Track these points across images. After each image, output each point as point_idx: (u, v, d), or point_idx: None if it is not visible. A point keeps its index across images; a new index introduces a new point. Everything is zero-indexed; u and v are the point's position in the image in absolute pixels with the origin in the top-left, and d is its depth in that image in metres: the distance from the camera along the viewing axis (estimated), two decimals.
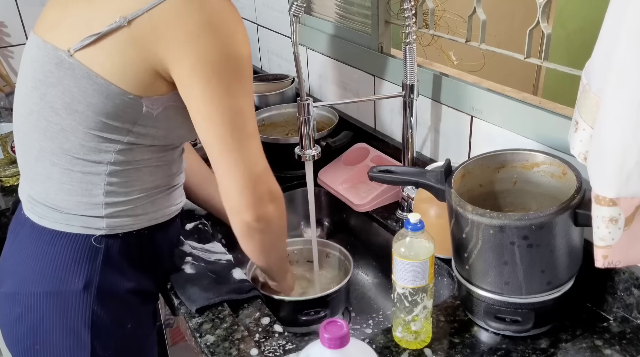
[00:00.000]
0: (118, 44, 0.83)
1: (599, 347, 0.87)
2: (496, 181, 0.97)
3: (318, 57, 1.62)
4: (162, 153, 0.95)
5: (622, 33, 0.63)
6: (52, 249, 0.92)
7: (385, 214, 1.25)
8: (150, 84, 0.86)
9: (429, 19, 1.22)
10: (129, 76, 0.85)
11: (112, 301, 0.94)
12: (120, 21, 0.82)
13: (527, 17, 1.06)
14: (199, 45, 0.81)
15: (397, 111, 1.33)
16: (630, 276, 0.89)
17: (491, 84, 1.17)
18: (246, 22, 2.01)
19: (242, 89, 0.85)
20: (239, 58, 0.84)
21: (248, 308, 1.00)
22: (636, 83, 0.62)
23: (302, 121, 1.11)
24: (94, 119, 0.87)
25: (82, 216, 0.92)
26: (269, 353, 0.89)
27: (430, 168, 1.09)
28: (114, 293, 0.95)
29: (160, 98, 0.88)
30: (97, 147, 0.89)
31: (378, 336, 0.92)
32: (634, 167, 0.66)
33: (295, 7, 1.05)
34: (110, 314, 0.94)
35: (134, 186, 0.94)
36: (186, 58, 0.82)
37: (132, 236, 0.96)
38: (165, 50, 0.82)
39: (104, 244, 0.93)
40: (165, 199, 1.00)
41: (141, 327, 1.02)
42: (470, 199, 0.87)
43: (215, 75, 0.82)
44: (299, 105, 1.10)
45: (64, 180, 0.91)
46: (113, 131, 0.88)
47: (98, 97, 0.85)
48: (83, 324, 0.92)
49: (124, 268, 0.96)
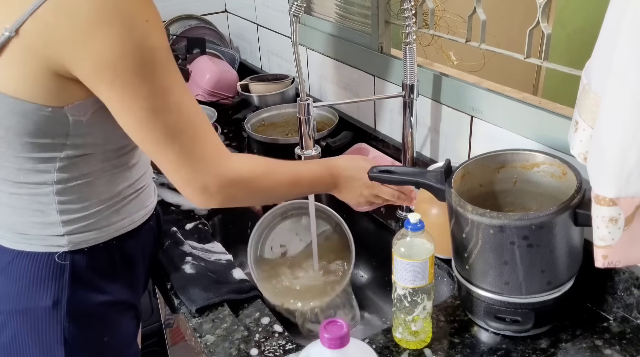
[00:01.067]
0: (13, 57, 0.75)
1: (599, 347, 0.87)
2: (496, 181, 0.97)
3: (318, 57, 1.62)
4: (114, 159, 0.90)
5: (622, 33, 0.63)
6: (16, 268, 0.88)
7: (385, 214, 1.25)
8: (63, 91, 0.78)
9: (429, 19, 1.22)
10: (37, 89, 0.77)
11: (85, 316, 0.91)
12: (7, 32, 0.73)
13: (527, 17, 1.06)
14: (95, 42, 0.72)
15: (397, 111, 1.33)
16: (630, 276, 0.89)
17: (491, 84, 1.17)
18: (246, 22, 2.01)
19: (160, 83, 0.77)
20: (148, 51, 0.75)
21: (248, 308, 1.00)
22: (636, 83, 0.62)
23: (303, 121, 1.11)
24: (19, 142, 0.80)
25: (41, 236, 0.88)
26: (269, 353, 0.89)
27: (430, 168, 1.09)
28: (86, 308, 0.91)
29: (83, 103, 0.80)
30: (34, 169, 0.83)
31: (378, 336, 0.92)
32: (634, 167, 0.66)
33: (295, 7, 1.04)
34: (84, 330, 0.90)
35: (90, 199, 0.89)
36: (84, 59, 0.74)
37: (99, 249, 0.92)
38: (60, 53, 0.73)
39: (69, 260, 0.89)
40: (131, 206, 0.95)
41: (120, 338, 0.97)
42: (470, 199, 0.87)
43: (120, 75, 0.74)
44: (299, 105, 1.10)
45: (13, 204, 0.87)
46: (45, 149, 0.82)
47: (13, 118, 0.78)
48: (56, 342, 0.88)
49: (95, 282, 0.92)
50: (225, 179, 0.83)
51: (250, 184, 0.87)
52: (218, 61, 1.86)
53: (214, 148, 0.83)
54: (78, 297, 0.90)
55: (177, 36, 1.86)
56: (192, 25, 2.02)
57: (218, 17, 2.11)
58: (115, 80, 0.74)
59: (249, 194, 0.88)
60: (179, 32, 1.95)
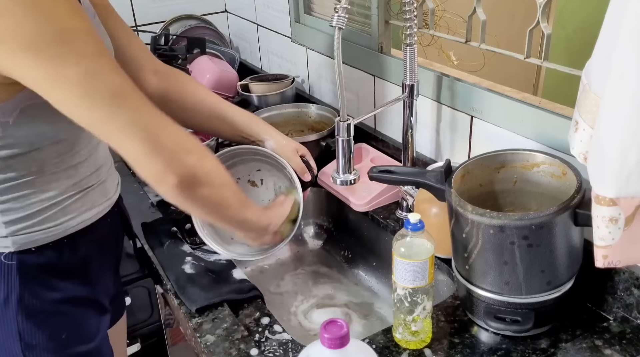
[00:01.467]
0: None
1: (599, 347, 0.87)
2: (496, 181, 0.97)
3: (318, 57, 1.62)
4: (55, 158, 0.86)
5: (622, 33, 0.63)
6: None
7: (385, 214, 1.25)
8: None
9: (429, 19, 1.22)
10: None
11: (39, 313, 0.89)
12: None
13: (527, 17, 1.06)
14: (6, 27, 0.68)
15: (397, 111, 1.33)
16: (630, 276, 0.89)
17: (491, 84, 1.17)
18: (246, 22, 2.01)
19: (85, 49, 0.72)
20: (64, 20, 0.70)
21: (248, 308, 1.00)
22: (636, 83, 0.62)
23: (343, 143, 1.03)
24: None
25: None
26: (269, 353, 0.89)
27: (430, 168, 1.09)
28: (39, 305, 0.89)
29: (5, 104, 0.77)
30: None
31: (378, 336, 0.92)
32: (634, 167, 0.66)
33: (338, 18, 0.93)
34: (39, 326, 0.89)
35: (31, 199, 0.86)
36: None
37: (47, 248, 0.89)
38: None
39: (16, 260, 0.87)
40: (80, 204, 0.91)
41: (80, 334, 0.95)
42: (470, 199, 0.87)
43: (41, 52, 0.69)
44: (340, 126, 1.02)
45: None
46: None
47: None
48: (11, 338, 0.88)
49: (46, 279, 0.90)
50: (184, 145, 0.79)
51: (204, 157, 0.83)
52: (218, 61, 1.86)
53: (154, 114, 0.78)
54: (30, 294, 0.88)
55: (177, 36, 1.86)
56: (192, 25, 2.02)
57: (218, 17, 2.12)
58: (36, 57, 0.69)
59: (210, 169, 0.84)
60: (179, 32, 1.95)
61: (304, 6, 1.65)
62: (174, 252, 1.12)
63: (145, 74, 1.08)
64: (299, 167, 1.12)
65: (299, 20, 1.68)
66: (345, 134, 1.03)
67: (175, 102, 1.11)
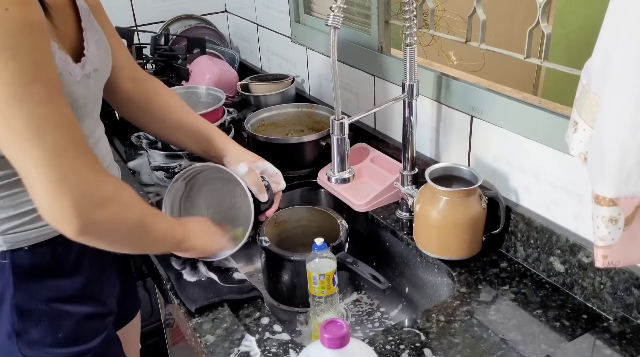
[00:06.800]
0: None
1: (599, 347, 0.87)
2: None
3: (318, 57, 1.62)
4: None
5: (622, 33, 0.63)
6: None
7: (385, 214, 1.25)
8: None
9: (429, 19, 1.22)
10: None
11: (34, 311, 0.89)
12: None
13: (527, 17, 1.06)
14: None
15: (397, 111, 1.33)
16: (630, 276, 0.89)
17: (491, 84, 1.17)
18: (246, 22, 2.01)
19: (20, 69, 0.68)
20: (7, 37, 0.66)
21: (248, 308, 1.00)
22: (636, 83, 0.62)
23: (337, 142, 1.03)
24: None
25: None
26: (269, 353, 0.90)
27: (430, 168, 1.09)
28: (34, 303, 0.89)
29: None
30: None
31: (378, 336, 0.92)
32: (634, 167, 0.66)
33: (334, 17, 0.93)
34: (35, 324, 0.90)
35: (23, 197, 0.85)
36: None
37: (41, 246, 0.89)
38: None
39: (9, 258, 0.87)
40: None
41: (82, 334, 0.95)
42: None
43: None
44: (334, 124, 1.02)
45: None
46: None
47: None
48: (7, 337, 0.89)
49: (41, 277, 0.90)
50: (96, 197, 0.78)
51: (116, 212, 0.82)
52: (218, 61, 1.86)
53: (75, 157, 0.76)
54: (25, 293, 0.89)
55: (177, 36, 1.86)
56: (192, 25, 2.02)
57: (218, 17, 2.12)
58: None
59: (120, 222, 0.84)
60: (179, 32, 1.95)
61: (304, 6, 1.65)
62: None
63: (123, 80, 1.09)
64: (256, 185, 1.09)
65: (299, 20, 1.68)
66: (339, 133, 1.03)
67: (144, 110, 1.14)
